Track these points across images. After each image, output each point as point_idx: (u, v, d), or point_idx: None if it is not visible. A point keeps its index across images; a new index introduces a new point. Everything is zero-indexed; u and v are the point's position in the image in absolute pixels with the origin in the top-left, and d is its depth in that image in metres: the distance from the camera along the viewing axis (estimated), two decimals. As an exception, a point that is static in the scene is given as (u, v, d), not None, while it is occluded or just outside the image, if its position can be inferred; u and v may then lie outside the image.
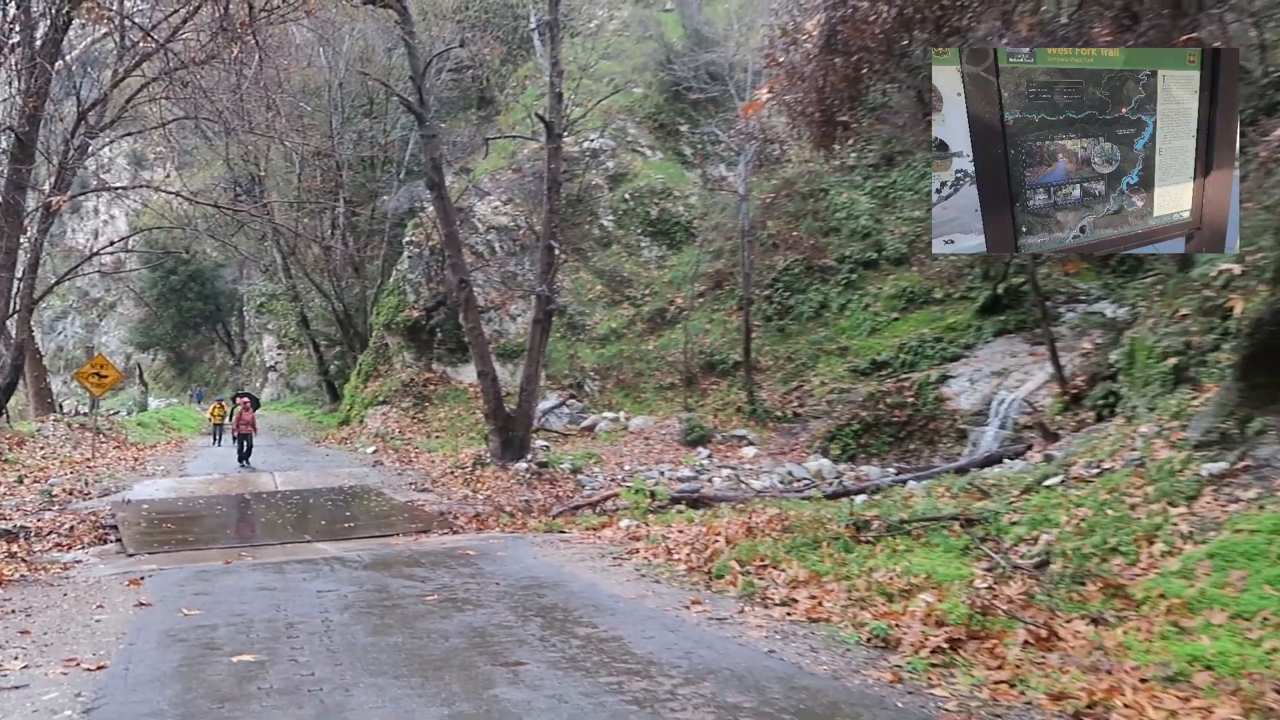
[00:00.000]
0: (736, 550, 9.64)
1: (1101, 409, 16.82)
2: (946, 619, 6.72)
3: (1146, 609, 6.81)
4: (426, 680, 5.72)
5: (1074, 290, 25.10)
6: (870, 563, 8.80)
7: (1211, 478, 8.48)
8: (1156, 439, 10.38)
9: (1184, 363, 11.67)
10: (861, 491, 15.51)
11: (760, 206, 31.24)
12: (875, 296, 28.77)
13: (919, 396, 23.50)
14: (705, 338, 29.38)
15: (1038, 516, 9.75)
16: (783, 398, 26.54)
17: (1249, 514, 7.50)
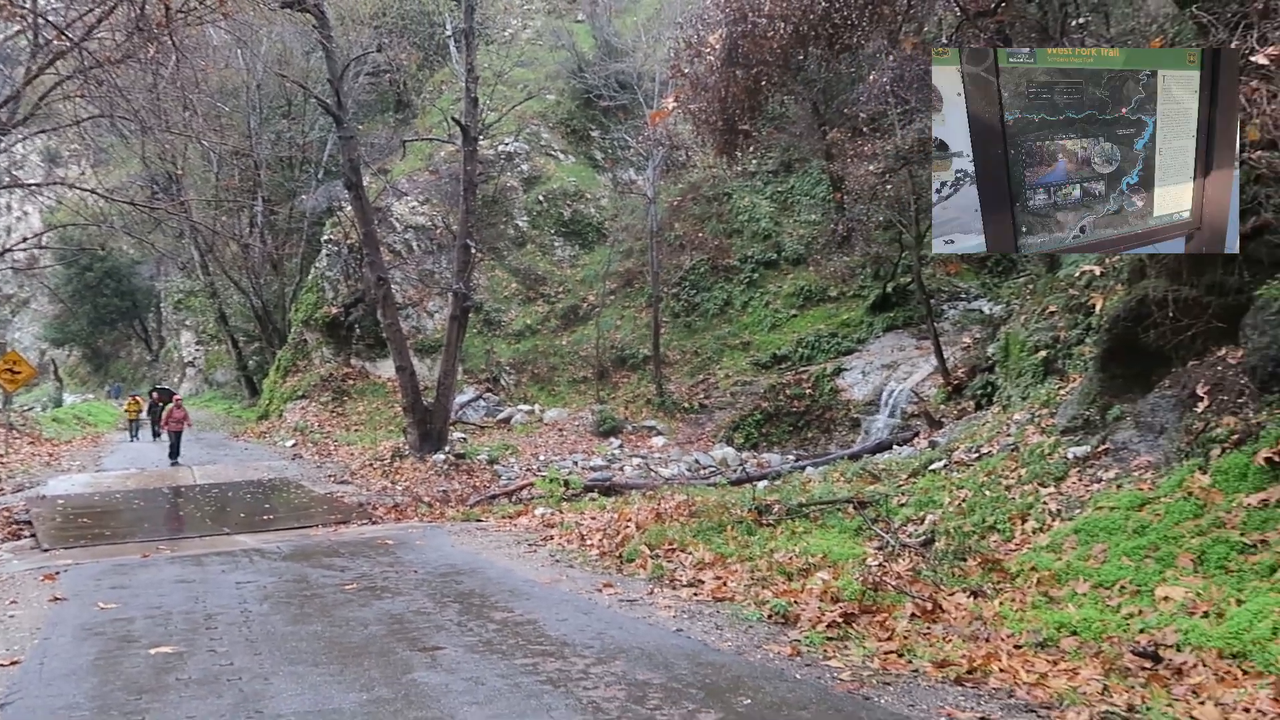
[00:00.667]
0: (646, 535, 9.68)
1: (980, 398, 17.37)
2: (841, 595, 6.87)
3: (1020, 581, 7.07)
4: (345, 667, 5.60)
5: (955, 289, 25.89)
6: (771, 544, 8.94)
7: (1076, 460, 8.85)
8: (1028, 425, 10.78)
9: (1052, 355, 12.14)
10: (763, 478, 15.72)
11: (668, 209, 31.39)
12: (775, 294, 29.20)
13: (816, 388, 23.95)
14: (616, 333, 29.42)
15: (924, 498, 10.04)
16: (690, 390, 26.74)
17: (1109, 492, 7.84)
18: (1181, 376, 8.19)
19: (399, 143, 29.82)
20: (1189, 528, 6.62)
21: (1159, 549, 6.59)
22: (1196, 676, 4.86)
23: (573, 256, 32.67)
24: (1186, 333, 8.05)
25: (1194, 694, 4.66)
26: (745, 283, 29.81)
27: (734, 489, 13.80)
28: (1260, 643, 4.95)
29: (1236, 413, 7.30)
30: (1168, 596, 5.93)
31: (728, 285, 29.94)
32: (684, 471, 19.46)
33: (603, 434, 24.32)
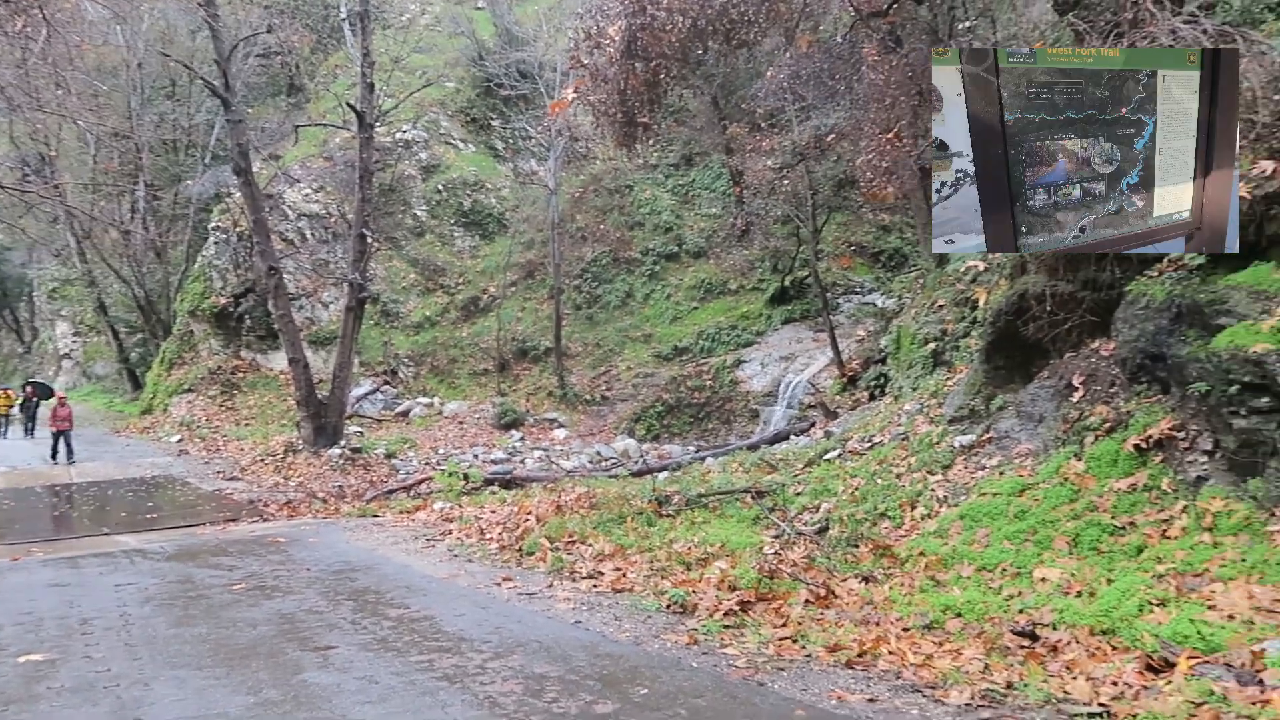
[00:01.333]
0: (546, 528, 9.65)
1: (874, 389, 17.87)
2: (738, 583, 6.98)
3: (909, 566, 7.31)
4: (232, 669, 5.41)
5: (851, 283, 26.52)
6: (671, 535, 9.02)
7: (962, 448, 9.19)
8: (918, 415, 11.14)
9: (940, 348, 12.58)
10: (664, 469, 15.85)
11: (569, 200, 31.25)
12: (676, 287, 29.41)
13: (716, 379, 24.25)
14: (518, 325, 29.18)
15: (819, 487, 10.28)
16: (592, 382, 26.74)
17: (992, 479, 8.17)
18: (1059, 368, 8.58)
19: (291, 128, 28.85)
20: (1065, 512, 6.95)
21: (1037, 532, 6.90)
22: (1070, 653, 5.10)
23: (473, 247, 32.24)
24: (1063, 326, 8.45)
25: (1067, 669, 4.90)
26: (647, 275, 29.94)
27: (635, 480, 13.85)
28: (1127, 619, 5.23)
29: (1108, 402, 7.69)
30: (1045, 578, 6.22)
31: (629, 277, 30.02)
32: (586, 464, 19.46)
33: (504, 427, 24.11)
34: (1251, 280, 6.37)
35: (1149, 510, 6.45)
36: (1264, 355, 5.74)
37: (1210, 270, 6.87)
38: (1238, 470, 6.06)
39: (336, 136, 30.89)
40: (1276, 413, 5.75)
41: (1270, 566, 5.27)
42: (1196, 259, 7.14)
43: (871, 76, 11.77)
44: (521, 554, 9.08)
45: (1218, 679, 4.38)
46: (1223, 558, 5.58)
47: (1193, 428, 6.58)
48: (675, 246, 30.40)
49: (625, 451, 20.89)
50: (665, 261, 30.21)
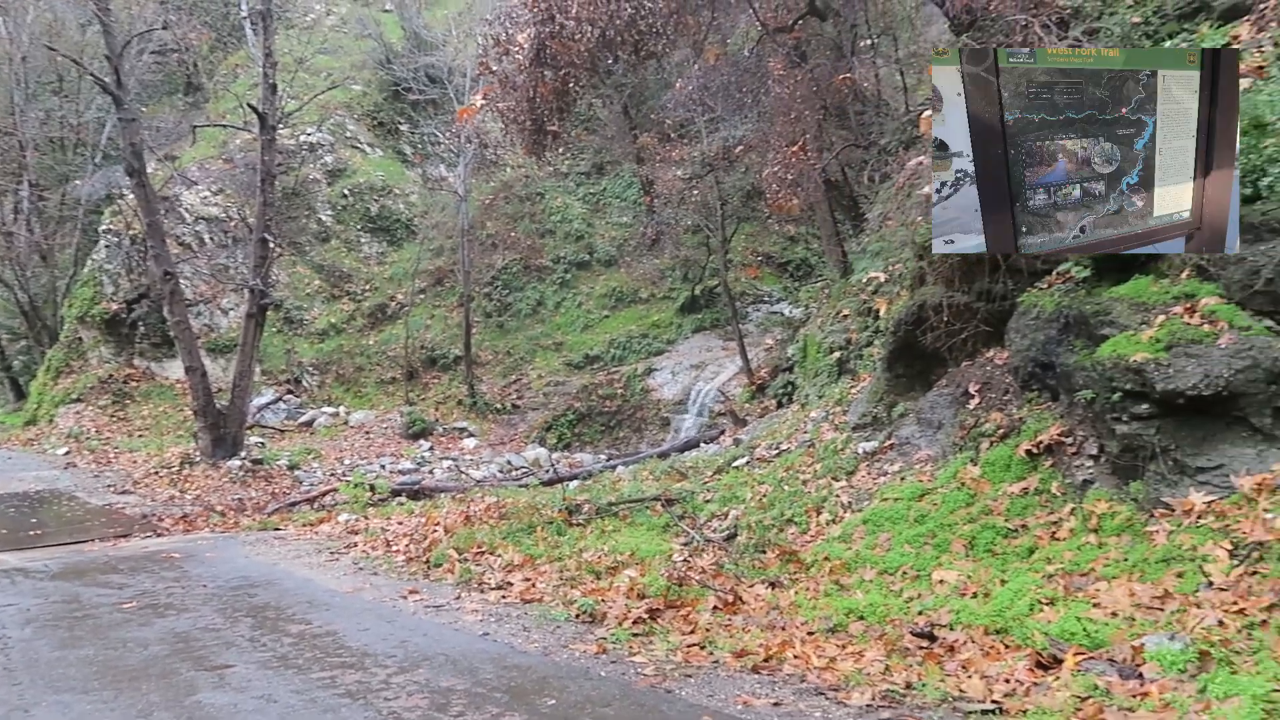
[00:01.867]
0: (455, 539, 9.53)
1: (781, 397, 18.16)
2: (647, 591, 7.01)
3: (814, 571, 7.46)
4: (120, 692, 5.19)
5: (759, 293, 26.97)
6: (581, 544, 9.01)
7: (866, 455, 9.42)
8: (824, 423, 11.38)
9: (845, 356, 12.88)
10: (575, 477, 15.82)
11: (480, 207, 30.98)
12: (588, 295, 29.43)
13: (627, 388, 24.34)
14: (426, 333, 28.75)
15: (728, 494, 10.41)
16: (502, 390, 26.53)
17: (893, 485, 8.40)
18: (956, 376, 8.89)
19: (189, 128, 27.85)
20: (961, 515, 7.19)
21: (936, 536, 7.12)
22: (966, 652, 5.28)
23: (380, 253, 31.65)
24: (960, 336, 8.75)
25: (963, 668, 5.06)
26: (558, 283, 29.88)
27: (546, 489, 13.81)
28: (1019, 618, 5.44)
29: (1002, 409, 8.00)
30: (943, 579, 6.42)
31: (540, 285, 29.92)
32: (496, 473, 19.29)
33: (412, 436, 23.71)
34: (1132, 293, 6.71)
35: (1039, 513, 6.73)
36: (1143, 364, 6.04)
37: (1095, 283, 7.21)
38: (1120, 474, 6.36)
39: (237, 138, 30.00)
40: (1155, 419, 6.06)
41: (1149, 565, 5.55)
42: (1083, 271, 7.49)
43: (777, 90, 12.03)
44: (429, 566, 8.95)
45: (1101, 674, 4.59)
46: (1107, 557, 5.85)
47: (1080, 433, 6.88)
48: (586, 255, 30.43)
49: (536, 460, 20.77)
50: (576, 270, 30.21)
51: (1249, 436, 5.79)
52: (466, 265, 27.37)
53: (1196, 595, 5.07)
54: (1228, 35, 7.73)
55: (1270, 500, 5.38)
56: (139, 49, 29.62)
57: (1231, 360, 5.79)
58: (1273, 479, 5.51)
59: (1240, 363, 5.77)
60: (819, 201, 15.58)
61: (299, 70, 27.14)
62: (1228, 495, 5.67)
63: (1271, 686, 4.00)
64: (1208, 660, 4.45)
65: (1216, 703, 4.01)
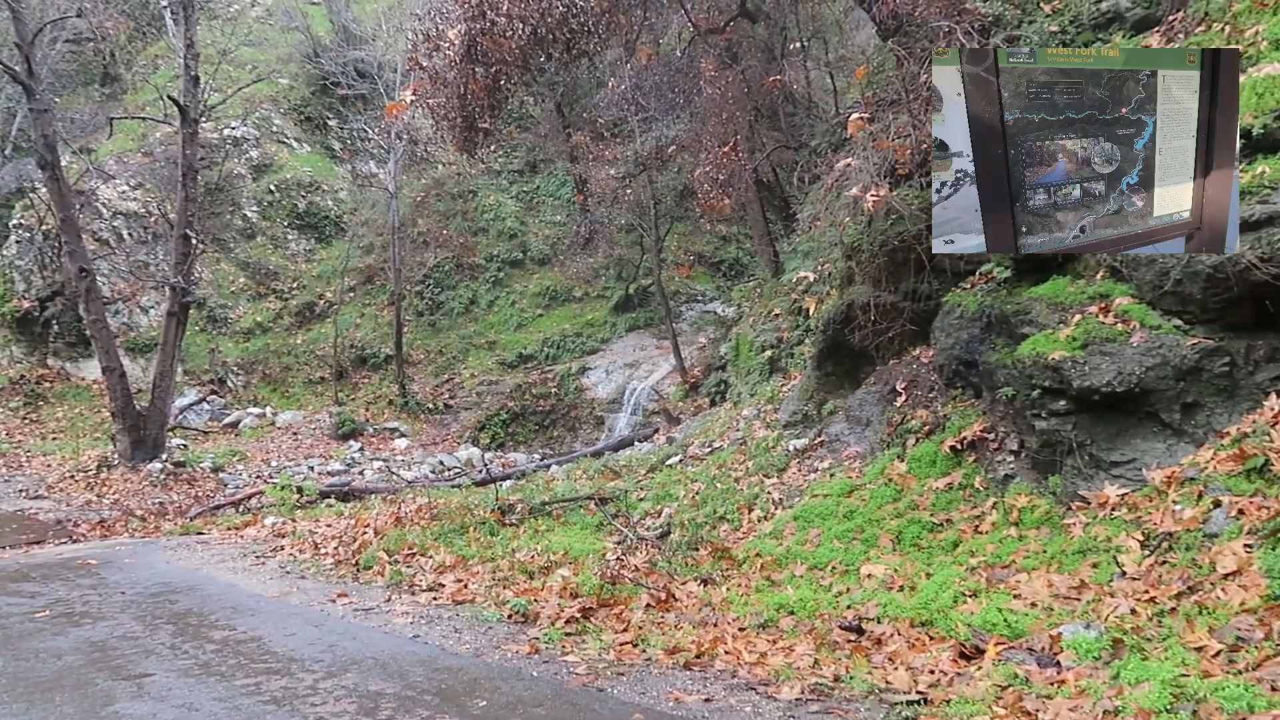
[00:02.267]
0: (385, 540, 9.40)
1: (715, 395, 18.32)
2: (580, 591, 7.01)
3: (746, 567, 7.54)
4: (32, 705, 5.00)
5: (693, 292, 27.13)
6: (514, 544, 8.96)
7: (796, 452, 9.56)
8: (755, 420, 11.52)
9: (776, 355, 13.04)
10: (508, 478, 15.73)
11: (411, 204, 30.59)
12: (521, 294, 29.28)
13: (561, 387, 24.28)
14: (356, 332, 28.29)
15: (661, 492, 10.46)
16: (434, 390, 26.24)
17: (823, 481, 8.54)
18: (884, 374, 9.07)
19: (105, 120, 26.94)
20: (889, 510, 7.34)
21: (864, 531, 7.26)
22: (893, 645, 5.39)
23: (308, 250, 31.04)
24: (887, 334, 8.93)
25: (890, 661, 5.17)
26: (491, 282, 29.67)
27: (478, 490, 13.71)
28: (944, 611, 5.58)
29: (928, 406, 8.19)
30: (871, 574, 6.54)
31: (473, 284, 29.67)
32: (428, 474, 19.08)
33: (341, 437, 23.30)
34: (1050, 293, 6.93)
35: (963, 507, 6.91)
36: (1060, 361, 6.25)
37: (1016, 283, 7.42)
38: (1040, 468, 6.56)
39: (158, 131, 29.12)
40: (1072, 414, 6.27)
41: (1067, 557, 5.73)
42: (1004, 272, 7.71)
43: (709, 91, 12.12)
44: (358, 568, 8.81)
45: (1021, 663, 4.73)
46: (1027, 550, 6.03)
47: (1001, 429, 7.09)
48: (520, 253, 30.26)
49: (469, 461, 20.59)
50: (510, 268, 30.03)
51: (1159, 431, 6.03)
52: (397, 263, 27.01)
53: (1110, 585, 5.26)
54: (1139, 45, 8.03)
55: (1179, 492, 5.61)
56: (52, 37, 28.61)
57: (1143, 358, 6.02)
58: (1181, 472, 5.74)
59: (1151, 360, 6.00)
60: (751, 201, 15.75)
61: (222, 62, 26.46)
62: (1140, 488, 5.89)
63: (1179, 671, 4.17)
64: (1121, 647, 4.62)
65: (1129, 688, 4.16)
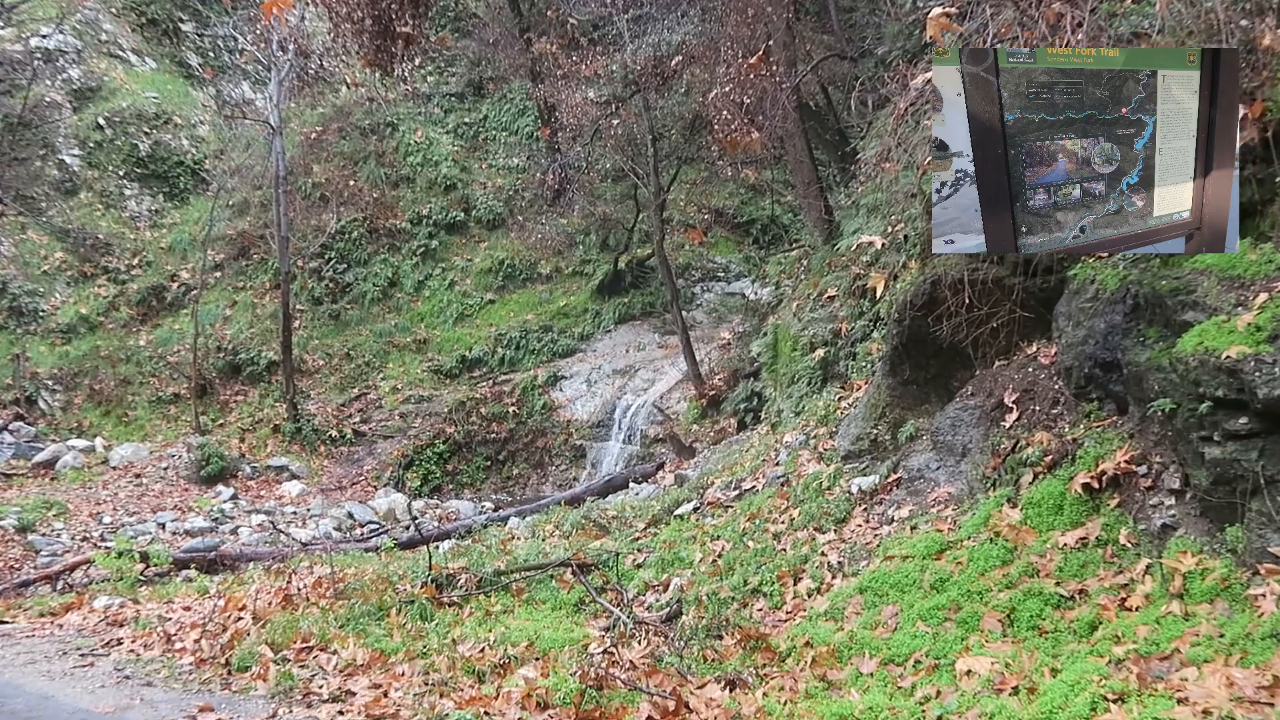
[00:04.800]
0: (269, 629, 9.41)
1: (744, 414, 18.34)
2: (551, 699, 7.00)
3: (791, 662, 7.53)
4: None
5: (711, 265, 27.18)
6: (455, 632, 8.96)
7: (862, 495, 9.56)
8: (803, 450, 11.52)
9: (832, 355, 13.05)
10: (447, 536, 15.79)
11: (303, 144, 30.63)
12: (463, 271, 29.31)
13: (523, 405, 24.30)
14: (225, 328, 28.33)
15: (668, 555, 10.46)
16: (339, 411, 26.26)
17: (901, 537, 8.54)
18: (986, 381, 9.07)
19: None
20: (997, 578, 7.34)
21: (961, 608, 7.25)
22: (1004, 772, 5.39)
23: (155, 212, 31.11)
24: (989, 324, 8.93)
25: (1000, 795, 5.16)
26: (419, 254, 29.70)
27: (404, 554, 13.75)
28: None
29: (1050, 426, 8.19)
30: (971, 670, 6.54)
31: (394, 258, 29.70)
32: (331, 532, 19.12)
33: (206, 480, 23.32)
34: (1224, 263, 6.92)
35: (1104, 572, 6.89)
36: (1239, 361, 6.22)
37: (1175, 249, 7.42)
38: (1212, 515, 6.54)
39: (-66, 42, 29.17)
40: (1258, 437, 6.23)
41: (1254, 643, 5.72)
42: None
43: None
44: (230, 670, 8.82)
45: (1190, 796, 4.73)
46: (1195, 633, 6.01)
47: (1156, 459, 7.07)
48: (460, 213, 30.31)
49: (390, 512, 20.63)
50: (446, 234, 30.08)
51: (1385, 460, 6.01)
52: (284, 229, 26.99)
53: (1317, 682, 5.25)
54: None
55: None
56: None
57: (1360, 354, 6.01)
58: None
59: (1372, 358, 5.99)
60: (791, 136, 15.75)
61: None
62: (1357, 542, 5.88)
63: None
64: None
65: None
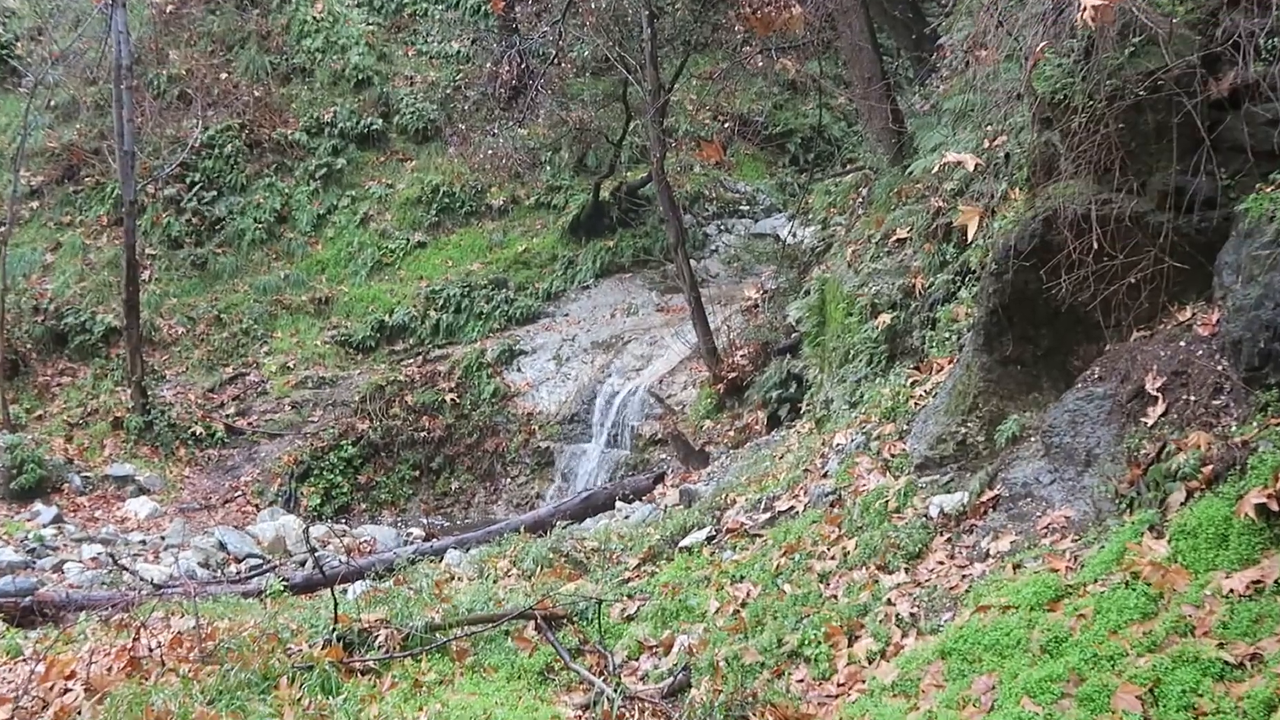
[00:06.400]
0: (109, 708, 9.43)
1: (777, 405, 18.27)
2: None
3: (845, 756, 7.55)
4: None
5: (731, 195, 27.10)
6: (371, 711, 8.97)
7: (944, 519, 9.53)
8: (861, 456, 11.50)
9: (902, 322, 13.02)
10: (360, 575, 15.74)
11: (155, 20, 30.55)
12: (382, 202, 29.24)
13: (465, 391, 24.23)
14: (45, 280, 28.31)
15: (670, 604, 10.45)
16: (207, 399, 26.22)
17: (1000, 579, 8.51)
18: (1118, 359, 9.03)
19: None
20: (1135, 638, 7.32)
21: (1084, 680, 7.24)
22: None
23: (-58, 116, 31.16)
24: (1125, 280, 8.89)
25: None
26: (319, 178, 29.63)
27: (299, 600, 13.71)
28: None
29: (1210, 424, 8.16)
30: (1099, 767, 6.55)
31: (282, 183, 29.63)
32: (196, 569, 19.08)
33: (19, 495, 23.29)
34: None
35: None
36: None
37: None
38: None
39: None
40: None
41: None
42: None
43: None
44: (57, 766, 8.85)
45: None
46: None
47: (1361, 471, 7.07)
48: (378, 120, 30.26)
49: (278, 542, 20.61)
50: (357, 150, 30.05)
51: None
52: (128, 142, 26.90)
53: None
54: None
55: None
56: None
57: None
58: None
59: None
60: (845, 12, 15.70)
61: None
62: None
63: None
64: None
65: None
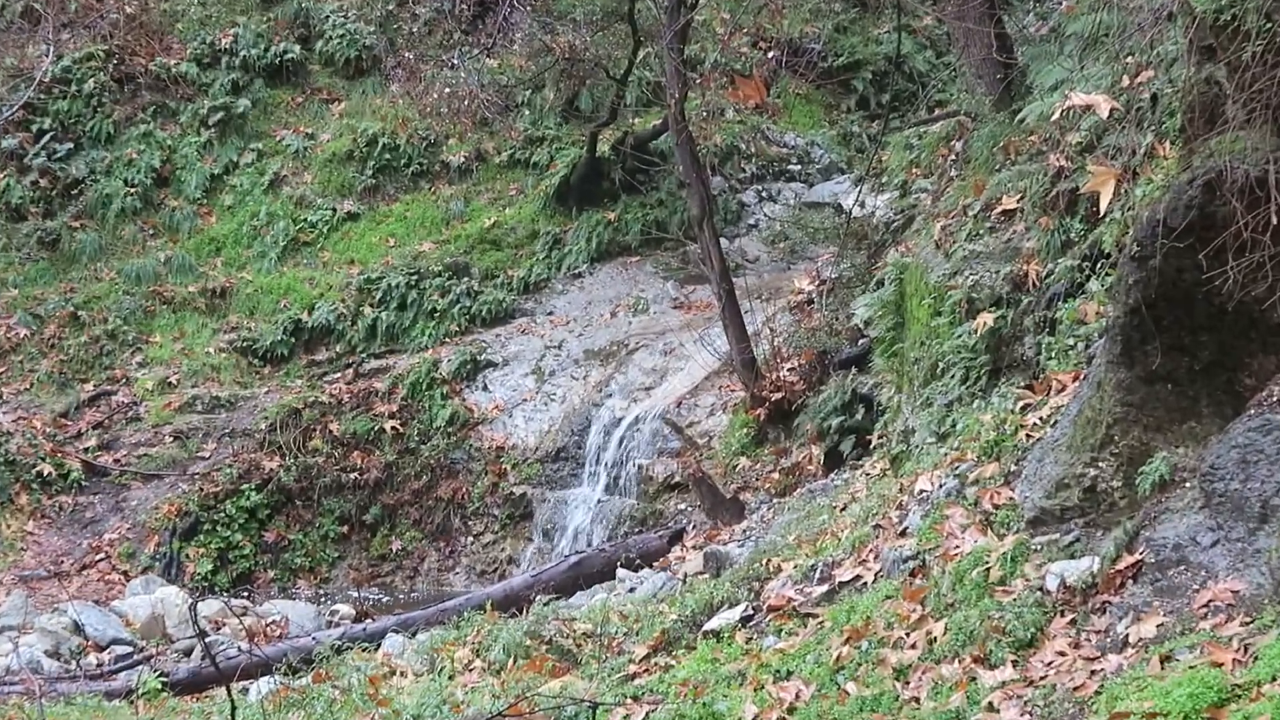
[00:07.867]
0: None
1: (838, 437, 18.35)
2: None
3: None
4: None
5: (776, 154, 27.20)
6: None
7: (1066, 593, 9.60)
8: (954, 507, 11.58)
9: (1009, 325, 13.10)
10: (268, 668, 15.80)
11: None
12: (298, 157, 29.40)
13: (412, 416, 24.35)
14: None
15: (691, 709, 10.53)
16: (57, 426, 26.37)
17: (1143, 675, 8.58)
18: (1304, 378, 9.11)
19: None
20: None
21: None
22: None
23: None
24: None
25: None
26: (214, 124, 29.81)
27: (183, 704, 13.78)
28: None
29: None
30: None
31: (162, 131, 29.80)
32: (41, 659, 19.19)
33: None
34: None
35: None
36: None
37: None
38: None
39: None
40: None
41: None
42: None
43: None
44: None
45: None
46: None
47: None
48: (294, 46, 30.42)
49: (155, 622, 20.72)
50: (265, 87, 30.22)
51: None
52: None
53: None
54: None
55: None
56: None
57: None
58: None
59: None
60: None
61: None
62: None
63: None
64: None
65: None
